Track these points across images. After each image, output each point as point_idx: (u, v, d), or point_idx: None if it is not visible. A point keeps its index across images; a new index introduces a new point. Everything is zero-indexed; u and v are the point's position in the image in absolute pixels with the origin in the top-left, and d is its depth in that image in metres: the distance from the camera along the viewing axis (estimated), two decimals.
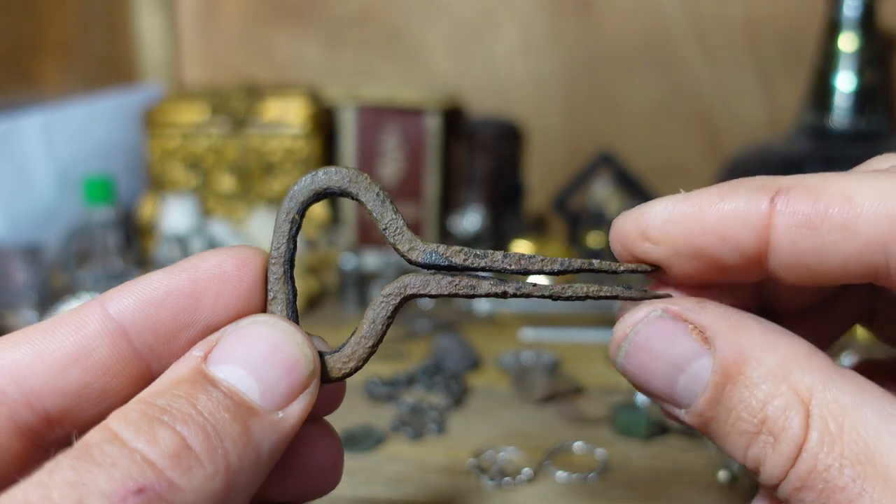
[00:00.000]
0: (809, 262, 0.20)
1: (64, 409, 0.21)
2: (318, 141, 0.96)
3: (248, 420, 0.19)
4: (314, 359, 0.21)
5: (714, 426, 0.20)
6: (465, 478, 0.51)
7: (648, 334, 0.21)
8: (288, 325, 0.21)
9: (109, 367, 0.21)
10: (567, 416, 0.58)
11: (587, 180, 0.98)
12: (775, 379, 0.19)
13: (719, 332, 0.20)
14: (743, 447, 0.20)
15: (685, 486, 0.50)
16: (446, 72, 1.05)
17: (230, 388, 0.19)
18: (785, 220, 0.20)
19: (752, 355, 0.20)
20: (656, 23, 0.99)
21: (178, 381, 0.19)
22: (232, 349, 0.20)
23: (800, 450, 0.19)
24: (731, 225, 0.21)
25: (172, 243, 0.87)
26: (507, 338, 0.73)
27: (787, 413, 0.19)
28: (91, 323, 0.21)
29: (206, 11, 1.07)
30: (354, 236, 0.97)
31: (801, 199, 0.20)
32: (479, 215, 0.90)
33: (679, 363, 0.21)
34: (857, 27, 0.82)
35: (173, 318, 0.21)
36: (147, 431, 0.17)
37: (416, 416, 0.58)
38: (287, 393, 0.20)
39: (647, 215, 0.22)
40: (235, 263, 0.22)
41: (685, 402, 0.21)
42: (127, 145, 1.02)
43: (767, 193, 0.21)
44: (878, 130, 0.83)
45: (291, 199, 0.23)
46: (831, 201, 0.20)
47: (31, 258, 0.76)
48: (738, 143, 0.97)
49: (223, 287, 0.21)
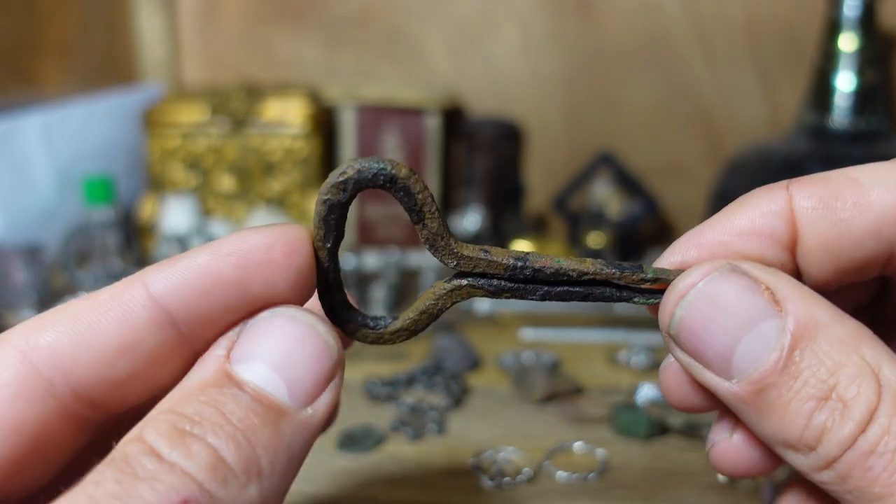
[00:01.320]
0: (830, 242, 0.21)
1: (110, 395, 0.21)
2: (318, 141, 0.96)
3: (277, 422, 0.19)
4: (338, 348, 0.21)
5: (771, 395, 0.19)
6: (465, 478, 0.51)
7: (719, 285, 0.20)
8: (309, 315, 0.21)
9: (158, 357, 0.21)
10: (567, 416, 0.58)
11: (587, 180, 0.98)
12: (846, 348, 0.19)
13: (791, 296, 0.20)
14: (806, 415, 0.19)
15: (685, 486, 0.50)
16: (446, 72, 1.05)
17: (257, 391, 0.19)
18: (803, 203, 0.21)
19: (824, 323, 0.19)
20: (656, 23, 0.99)
21: (203, 386, 0.19)
22: (255, 345, 0.20)
23: (872, 414, 0.18)
24: (762, 219, 0.21)
25: (172, 243, 0.87)
26: (507, 338, 0.73)
27: (859, 380, 0.19)
28: (137, 310, 0.20)
29: (206, 11, 1.07)
30: (354, 236, 0.97)
31: (812, 183, 0.21)
32: (479, 215, 0.90)
33: (748, 321, 0.20)
34: (857, 27, 0.82)
35: (223, 307, 0.21)
36: (181, 445, 0.17)
37: (416, 417, 0.58)
38: (314, 387, 0.20)
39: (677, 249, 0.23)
40: (284, 249, 0.21)
41: (741, 369, 0.20)
42: (127, 145, 1.02)
43: (781, 186, 0.22)
44: (878, 130, 0.83)
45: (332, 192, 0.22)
46: (840, 183, 0.21)
47: (31, 258, 0.76)
48: (738, 143, 0.97)
49: (272, 276, 0.21)
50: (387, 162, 0.22)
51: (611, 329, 0.73)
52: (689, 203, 1.01)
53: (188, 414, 0.18)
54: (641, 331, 0.72)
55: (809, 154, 0.81)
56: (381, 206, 0.98)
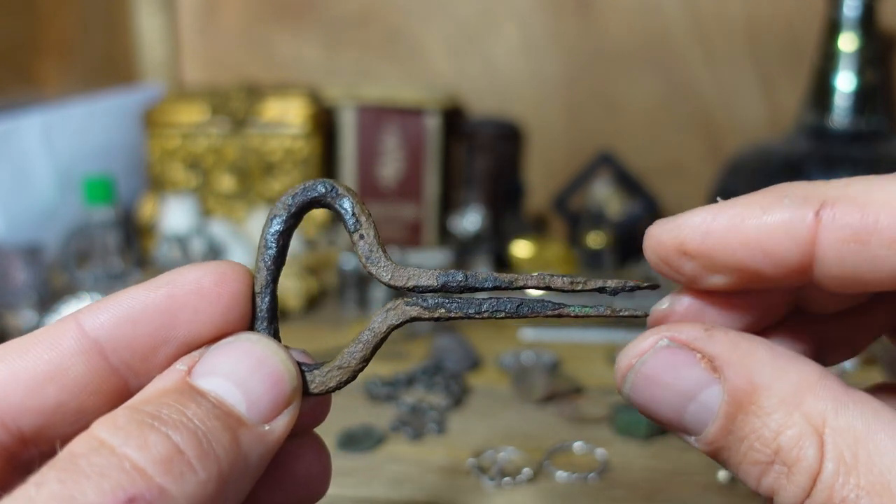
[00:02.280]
0: (857, 275, 0.20)
1: (39, 427, 0.20)
2: (318, 141, 0.96)
3: (237, 430, 0.19)
4: (297, 375, 0.21)
5: (726, 455, 0.20)
6: (465, 478, 0.51)
7: (654, 365, 0.21)
8: (271, 341, 0.21)
9: (86, 385, 0.21)
10: (567, 416, 0.58)
11: (587, 180, 0.98)
12: (787, 407, 0.19)
13: (728, 362, 0.20)
14: (756, 477, 0.19)
15: (685, 486, 0.50)
16: (446, 72, 1.05)
17: (218, 399, 0.19)
18: (832, 234, 0.19)
19: (763, 384, 0.19)
20: (656, 23, 0.99)
21: (164, 391, 0.19)
22: (217, 363, 0.20)
23: (815, 480, 0.18)
24: (774, 239, 0.20)
25: (172, 243, 0.87)
26: (507, 338, 0.73)
27: (800, 443, 0.19)
28: (66, 340, 0.20)
29: (206, 11, 1.07)
30: None
31: (848, 212, 0.19)
32: (479, 215, 0.90)
33: (688, 393, 0.20)
34: (857, 27, 0.82)
35: (150, 335, 0.21)
36: (137, 436, 0.17)
37: (416, 416, 0.58)
38: (272, 407, 0.20)
39: (685, 227, 0.21)
40: (213, 279, 0.21)
41: (695, 431, 0.20)
42: (127, 145, 1.02)
43: (812, 206, 0.20)
44: (878, 130, 0.83)
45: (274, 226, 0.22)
46: (881, 213, 0.19)
47: (31, 258, 0.76)
48: (738, 143, 0.97)
49: (200, 303, 0.21)
50: (326, 182, 0.23)
51: (610, 329, 0.73)
52: (689, 203, 1.00)
53: (148, 410, 0.18)
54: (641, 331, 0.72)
55: (809, 154, 0.81)
56: (381, 206, 0.98)
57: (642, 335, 0.22)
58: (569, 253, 0.91)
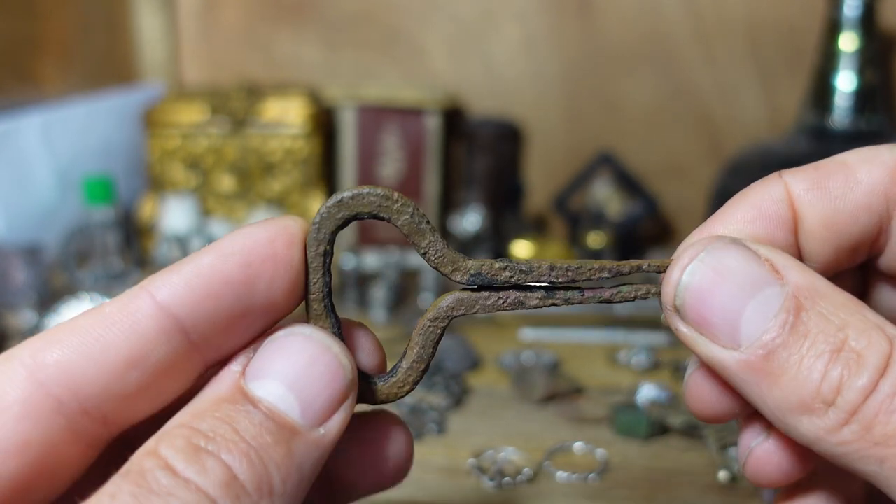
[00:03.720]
0: (827, 218, 0.22)
1: (121, 410, 0.20)
2: (317, 141, 0.96)
3: (290, 441, 0.19)
4: (352, 369, 0.21)
5: (781, 357, 0.19)
6: (465, 478, 0.51)
7: (722, 255, 0.21)
8: (324, 335, 0.21)
9: (168, 367, 0.20)
10: (567, 416, 0.58)
11: (587, 180, 0.98)
12: (849, 309, 0.20)
13: (791, 267, 0.20)
14: (821, 370, 0.19)
15: (685, 486, 0.50)
16: (446, 72, 1.05)
17: (270, 409, 0.19)
18: (797, 186, 0.22)
19: (823, 290, 0.20)
20: (656, 23, 0.99)
21: (218, 401, 0.19)
22: (270, 363, 0.20)
23: (888, 360, 0.18)
24: (765, 204, 0.22)
25: (172, 243, 0.87)
26: (507, 338, 0.73)
27: (868, 333, 0.19)
28: (145, 321, 0.20)
29: (205, 11, 1.07)
30: (354, 236, 0.97)
31: (803, 170, 0.23)
32: (479, 215, 0.90)
33: (752, 286, 0.20)
34: (857, 27, 0.82)
35: (230, 308, 0.20)
36: (196, 461, 0.18)
37: (416, 417, 0.58)
38: (327, 407, 0.20)
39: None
40: (285, 241, 0.21)
41: (749, 334, 0.20)
42: (127, 145, 1.02)
43: (773, 176, 0.23)
44: (878, 130, 0.83)
45: (319, 231, 0.22)
46: (829, 167, 0.22)
47: (31, 258, 0.76)
48: (738, 144, 0.97)
49: (276, 271, 0.21)
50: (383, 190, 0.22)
51: (611, 329, 0.73)
52: (689, 203, 1.01)
53: (203, 430, 0.18)
54: (641, 331, 0.72)
55: (810, 154, 0.80)
56: None
57: (705, 237, 0.22)
58: (569, 253, 0.91)
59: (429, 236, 0.22)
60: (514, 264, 0.22)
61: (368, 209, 0.22)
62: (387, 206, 0.22)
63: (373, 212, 0.22)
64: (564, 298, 0.23)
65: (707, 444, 0.54)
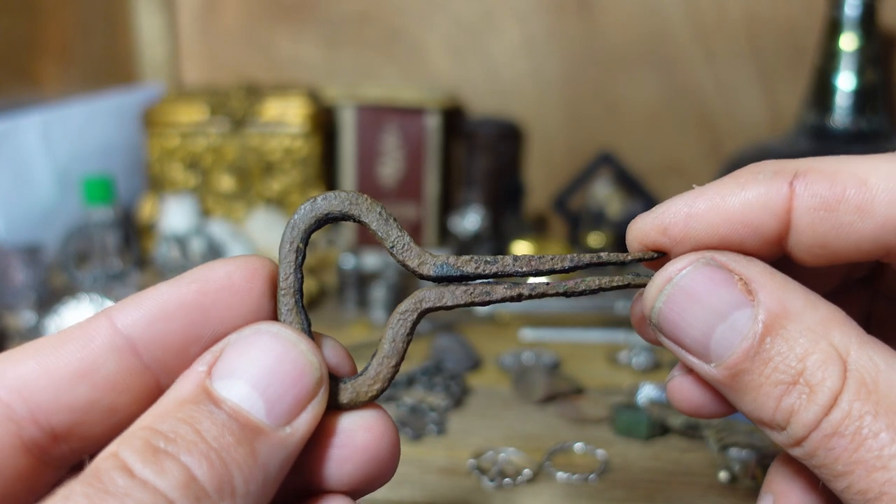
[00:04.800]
0: (827, 242, 0.21)
1: (71, 424, 0.20)
2: (317, 140, 0.96)
3: (253, 441, 0.19)
4: (320, 365, 0.21)
5: (745, 379, 0.20)
6: (465, 478, 0.51)
7: (694, 279, 0.21)
8: (291, 332, 0.21)
9: (118, 383, 0.21)
10: (567, 416, 0.58)
11: (587, 180, 0.98)
12: (815, 335, 0.20)
13: (764, 286, 0.21)
14: (776, 398, 0.20)
15: (685, 486, 0.50)
16: (446, 72, 1.04)
17: (234, 408, 0.19)
18: (804, 202, 0.21)
19: (795, 311, 0.20)
20: (657, 23, 0.99)
21: (181, 402, 0.19)
22: (235, 362, 0.20)
23: (836, 398, 0.19)
24: (753, 212, 0.22)
25: (172, 243, 0.87)
26: (507, 338, 0.73)
27: (825, 366, 0.19)
28: (99, 337, 0.20)
29: (205, 11, 1.07)
30: (354, 236, 0.97)
31: (818, 181, 0.21)
32: (479, 215, 0.90)
33: (721, 311, 0.21)
34: (857, 27, 0.82)
35: (183, 332, 0.21)
36: (154, 462, 0.17)
37: (416, 417, 0.57)
38: (294, 405, 0.20)
39: (667, 213, 0.22)
40: (244, 274, 0.21)
41: (718, 354, 0.21)
42: (126, 145, 1.02)
43: (786, 178, 0.21)
44: (878, 130, 0.83)
45: (293, 229, 0.23)
46: (847, 183, 0.21)
47: (31, 258, 0.76)
48: (738, 143, 0.97)
49: (232, 299, 0.21)
50: (350, 194, 0.23)
51: (611, 329, 0.73)
52: None
53: (163, 431, 0.18)
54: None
55: (810, 154, 0.80)
56: None
57: (684, 255, 0.22)
58: (570, 252, 0.91)
59: (395, 232, 0.23)
60: (479, 257, 0.23)
61: (339, 209, 0.23)
62: (356, 206, 0.23)
63: (343, 211, 0.23)
64: (530, 288, 0.23)
65: (707, 444, 0.54)
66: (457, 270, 0.23)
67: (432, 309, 0.23)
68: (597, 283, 0.23)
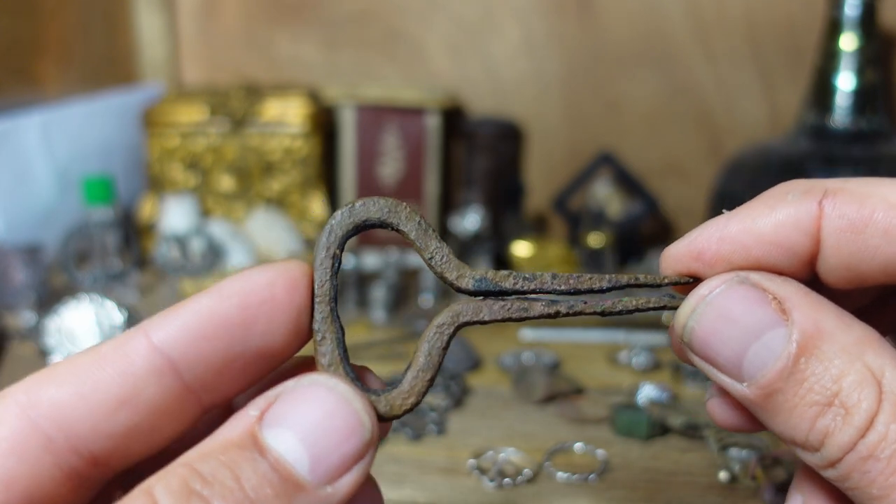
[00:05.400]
0: (853, 264, 0.21)
1: (111, 450, 0.20)
2: (317, 140, 0.96)
3: (292, 496, 0.18)
4: (373, 427, 0.20)
5: (779, 399, 0.20)
6: (465, 478, 0.51)
7: (727, 298, 0.21)
8: (347, 387, 0.20)
9: (159, 406, 0.20)
10: (567, 416, 0.58)
11: (587, 180, 0.98)
12: (850, 356, 0.20)
13: (798, 305, 0.20)
14: (811, 419, 0.20)
15: (685, 486, 0.50)
16: (446, 72, 1.04)
17: (278, 459, 0.18)
18: (832, 223, 0.21)
19: (829, 331, 0.20)
20: (657, 23, 0.99)
21: (227, 445, 0.18)
22: (287, 411, 0.19)
23: (872, 420, 0.19)
24: (786, 232, 0.21)
25: (172, 243, 0.87)
26: (507, 338, 0.73)
27: (861, 387, 0.19)
28: (138, 360, 0.20)
29: (205, 11, 1.07)
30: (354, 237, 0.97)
31: (847, 202, 0.21)
32: (479, 215, 0.90)
33: (755, 330, 0.21)
34: (857, 27, 0.82)
35: (225, 350, 0.20)
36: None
37: (416, 417, 0.57)
38: (340, 464, 0.19)
39: (699, 239, 0.22)
40: (285, 285, 0.21)
41: (750, 374, 0.21)
42: (126, 145, 1.02)
43: (815, 197, 0.21)
44: (878, 130, 0.83)
45: (330, 234, 0.22)
46: (877, 206, 0.21)
47: (31, 258, 0.76)
48: (738, 143, 0.97)
49: (274, 313, 0.20)
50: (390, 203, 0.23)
51: (611, 329, 0.73)
52: (690, 203, 1.01)
53: (203, 472, 0.18)
54: (642, 331, 0.72)
55: (810, 154, 0.81)
56: None
57: (718, 275, 0.22)
58: (569, 253, 0.91)
59: (434, 244, 0.23)
60: (517, 273, 0.23)
61: (377, 216, 0.22)
62: (395, 214, 0.22)
63: (382, 219, 0.22)
64: (568, 306, 0.23)
65: (707, 444, 0.54)
66: (495, 286, 0.23)
67: (469, 323, 0.23)
68: (633, 303, 0.23)
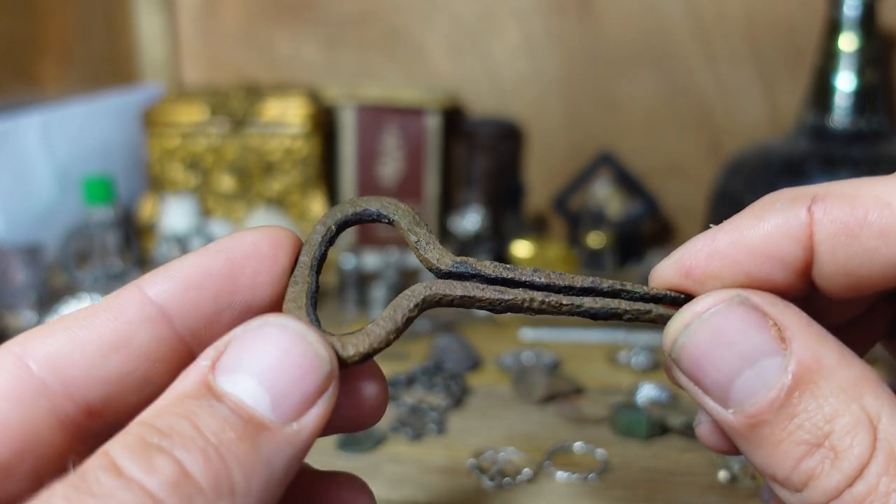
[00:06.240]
0: (850, 270, 0.20)
1: (106, 398, 0.20)
2: (317, 141, 0.96)
3: (257, 437, 0.18)
4: (331, 359, 0.19)
5: (765, 431, 0.19)
6: (465, 478, 0.51)
7: (725, 318, 0.20)
8: (299, 323, 0.20)
9: (151, 353, 0.20)
10: (567, 416, 0.58)
11: (587, 180, 0.98)
12: (846, 396, 0.19)
13: (799, 336, 0.19)
14: (796, 457, 0.19)
15: (685, 486, 0.50)
16: (446, 72, 1.04)
17: (237, 403, 0.18)
18: (824, 229, 0.20)
19: (829, 367, 0.19)
20: (656, 23, 0.99)
21: (182, 398, 0.18)
22: (241, 355, 0.19)
23: (863, 469, 0.18)
24: (775, 242, 0.20)
25: (172, 243, 0.87)
26: (507, 338, 0.73)
27: (854, 431, 0.18)
28: (131, 307, 0.20)
29: (205, 11, 1.07)
30: (354, 236, 0.97)
31: (837, 206, 0.20)
32: (479, 215, 0.90)
33: (750, 356, 0.19)
34: (857, 27, 0.82)
35: (213, 300, 0.21)
36: (144, 459, 0.16)
37: (416, 417, 0.57)
38: (302, 401, 0.19)
39: (686, 256, 0.21)
40: (270, 243, 0.22)
41: (738, 401, 0.19)
42: (127, 145, 1.02)
43: (803, 203, 0.20)
44: (878, 130, 0.83)
45: (330, 215, 0.23)
46: (869, 207, 0.19)
47: (31, 258, 0.76)
48: (738, 143, 0.97)
49: (259, 266, 0.21)
50: (386, 203, 0.24)
51: (611, 329, 0.73)
52: (690, 203, 1.01)
53: (159, 426, 0.17)
54: (641, 331, 0.72)
55: (810, 154, 0.81)
56: None
57: (716, 291, 0.21)
58: (569, 253, 0.91)
59: (423, 232, 0.23)
60: (499, 263, 0.23)
61: (375, 208, 0.23)
62: (391, 208, 0.23)
63: (379, 210, 0.23)
64: (544, 296, 0.23)
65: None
66: (474, 270, 0.23)
67: (440, 296, 0.22)
68: (616, 305, 0.22)
